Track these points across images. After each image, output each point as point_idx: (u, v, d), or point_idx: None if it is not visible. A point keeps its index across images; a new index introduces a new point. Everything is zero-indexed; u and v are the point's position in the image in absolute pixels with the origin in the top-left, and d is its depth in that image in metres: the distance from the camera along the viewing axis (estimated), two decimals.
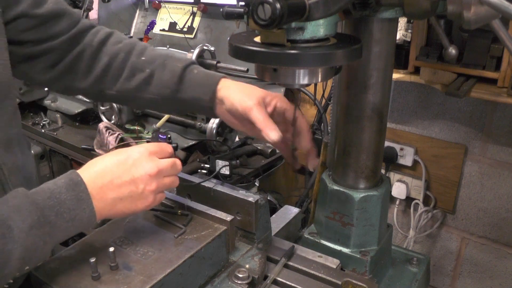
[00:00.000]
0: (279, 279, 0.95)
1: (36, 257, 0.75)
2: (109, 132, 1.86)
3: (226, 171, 1.66)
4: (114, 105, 1.99)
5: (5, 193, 0.86)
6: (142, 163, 0.83)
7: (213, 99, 1.02)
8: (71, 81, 1.08)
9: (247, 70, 1.81)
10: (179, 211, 0.99)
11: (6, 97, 0.91)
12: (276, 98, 1.00)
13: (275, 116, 0.99)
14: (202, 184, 1.04)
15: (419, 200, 1.88)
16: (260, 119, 0.92)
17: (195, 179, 1.06)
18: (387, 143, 1.85)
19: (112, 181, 0.80)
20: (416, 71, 1.53)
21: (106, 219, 0.87)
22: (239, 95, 0.97)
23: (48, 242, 0.75)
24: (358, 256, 1.04)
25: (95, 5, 2.42)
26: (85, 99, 2.17)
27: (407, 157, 1.86)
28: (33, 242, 0.72)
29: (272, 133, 0.90)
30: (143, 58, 1.07)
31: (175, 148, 1.78)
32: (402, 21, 1.49)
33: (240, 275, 0.91)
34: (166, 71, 1.05)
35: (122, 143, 1.82)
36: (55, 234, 0.75)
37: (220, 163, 1.68)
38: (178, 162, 0.89)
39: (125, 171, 0.81)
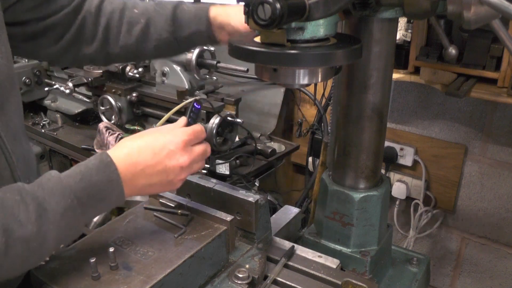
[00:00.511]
0: (279, 279, 0.95)
1: (70, 236, 0.80)
2: (109, 132, 1.86)
3: (226, 170, 1.66)
4: (114, 105, 1.99)
5: (14, 180, 0.88)
6: (176, 155, 0.85)
7: (209, 27, 1.08)
8: (78, 51, 1.12)
9: (247, 70, 1.80)
10: (179, 211, 0.99)
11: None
12: None
13: None
14: (202, 184, 1.04)
15: (419, 200, 1.88)
16: None
17: (194, 178, 1.06)
18: (387, 143, 1.85)
19: (144, 170, 0.83)
20: (416, 71, 1.53)
21: (107, 218, 0.88)
22: (238, 17, 1.03)
23: (81, 221, 0.78)
24: (358, 256, 1.04)
25: None
26: (85, 99, 2.17)
27: (407, 157, 1.86)
28: (67, 223, 0.76)
29: None
30: (135, 11, 1.12)
31: None
32: (402, 21, 1.49)
33: (240, 275, 0.91)
34: (159, 16, 1.10)
35: None
36: (87, 214, 0.79)
37: (220, 162, 1.68)
38: (209, 148, 0.93)
39: (158, 161, 0.84)
